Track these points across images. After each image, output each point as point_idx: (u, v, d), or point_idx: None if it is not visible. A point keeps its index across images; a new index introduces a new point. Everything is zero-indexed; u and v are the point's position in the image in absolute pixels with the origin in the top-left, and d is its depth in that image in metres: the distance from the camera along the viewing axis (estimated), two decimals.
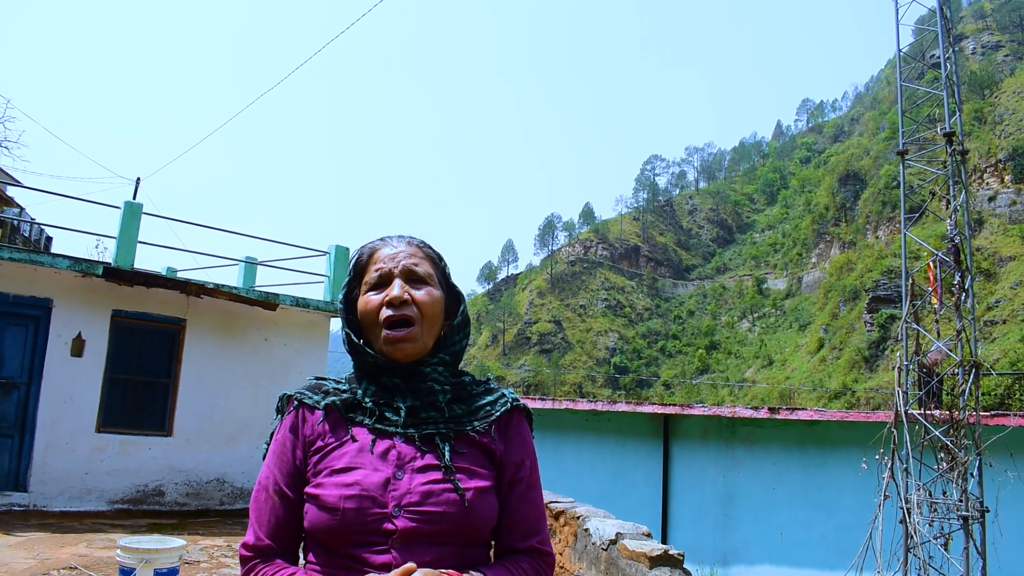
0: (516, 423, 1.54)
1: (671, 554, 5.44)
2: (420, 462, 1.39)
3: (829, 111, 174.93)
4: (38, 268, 10.03)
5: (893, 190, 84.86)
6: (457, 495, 1.36)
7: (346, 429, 1.44)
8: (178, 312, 11.22)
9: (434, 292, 1.49)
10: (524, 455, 1.52)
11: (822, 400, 66.96)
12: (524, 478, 1.50)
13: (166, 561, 4.84)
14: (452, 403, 1.48)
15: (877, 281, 77.25)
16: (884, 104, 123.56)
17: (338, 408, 1.46)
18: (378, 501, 1.34)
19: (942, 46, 9.91)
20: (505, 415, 1.53)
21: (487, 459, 1.46)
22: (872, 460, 9.68)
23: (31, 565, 6.82)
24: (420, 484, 1.36)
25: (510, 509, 1.48)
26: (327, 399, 1.48)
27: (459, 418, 1.47)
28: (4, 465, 9.84)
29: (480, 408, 1.50)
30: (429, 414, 1.45)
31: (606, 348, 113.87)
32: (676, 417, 13.65)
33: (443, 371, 1.50)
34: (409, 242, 1.55)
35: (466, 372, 1.58)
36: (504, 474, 1.48)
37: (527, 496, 1.50)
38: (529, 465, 1.52)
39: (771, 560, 12.25)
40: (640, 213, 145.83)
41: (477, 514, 1.38)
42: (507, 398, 1.55)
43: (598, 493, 12.96)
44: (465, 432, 1.46)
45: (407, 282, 1.47)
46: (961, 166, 9.70)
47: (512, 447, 1.51)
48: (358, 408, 1.46)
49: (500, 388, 1.57)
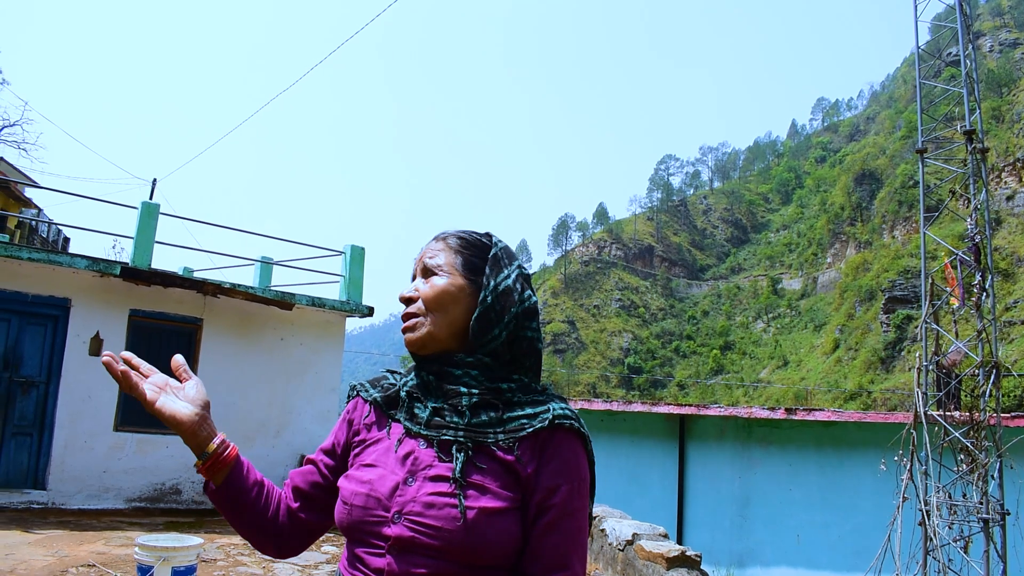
0: (559, 444, 1.35)
1: (688, 555, 5.42)
2: (434, 471, 1.32)
3: (845, 110, 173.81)
4: (57, 268, 10.11)
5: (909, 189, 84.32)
6: (458, 511, 1.27)
7: (385, 424, 1.44)
8: (195, 312, 11.27)
9: (438, 281, 1.42)
10: (562, 480, 1.33)
11: (838, 401, 66.54)
12: (557, 505, 1.32)
13: (184, 559, 4.86)
14: (479, 410, 1.36)
15: (893, 281, 76.71)
16: (900, 103, 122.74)
17: (379, 404, 1.46)
18: (383, 504, 1.31)
19: (961, 42, 9.81)
20: (543, 433, 1.35)
21: (510, 479, 1.32)
22: (890, 462, 9.60)
23: (50, 562, 6.86)
24: (426, 494, 1.30)
25: (534, 537, 1.31)
26: (375, 393, 1.48)
27: (483, 427, 1.34)
28: (23, 463, 9.92)
29: (513, 420, 1.36)
30: (452, 419, 1.36)
31: (620, 348, 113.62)
32: (692, 417, 13.59)
33: (477, 374, 1.39)
34: (441, 238, 1.50)
35: (513, 379, 1.42)
36: (532, 498, 1.32)
37: (559, 525, 1.32)
38: (567, 491, 1.33)
39: (788, 562, 12.17)
40: (654, 213, 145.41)
41: (479, 536, 1.26)
42: (550, 414, 1.36)
43: (613, 494, 12.92)
44: (487, 445, 1.33)
45: (424, 277, 1.46)
46: (981, 164, 9.61)
47: (547, 469, 1.33)
48: (397, 403, 1.45)
49: (551, 401, 1.40)
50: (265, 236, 13.96)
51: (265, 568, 7.31)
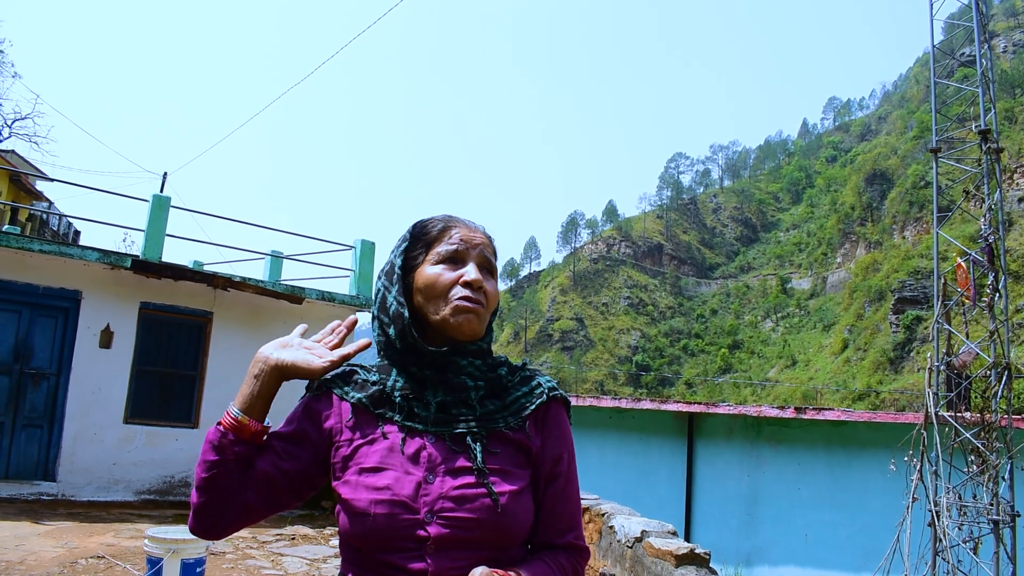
0: (554, 414, 1.47)
1: (697, 553, 5.40)
2: (452, 464, 1.34)
3: (856, 109, 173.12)
4: (67, 260, 10.14)
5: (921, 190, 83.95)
6: (491, 500, 1.31)
7: (376, 425, 1.39)
8: (205, 305, 11.30)
9: (496, 286, 1.47)
10: (562, 449, 1.45)
11: (846, 401, 66.31)
12: (562, 473, 1.44)
13: (193, 552, 4.87)
14: (485, 399, 1.42)
15: (903, 282, 76.42)
16: (912, 103, 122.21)
17: (365, 405, 1.41)
18: (409, 507, 1.30)
19: (978, 41, 9.75)
20: (542, 407, 1.45)
21: (523, 457, 1.41)
22: (900, 462, 9.56)
23: (60, 554, 6.89)
24: (452, 488, 1.31)
25: (547, 505, 1.42)
26: (355, 393, 1.43)
27: (492, 415, 1.40)
28: (34, 455, 9.96)
29: (514, 402, 1.44)
30: (460, 411, 1.39)
31: (628, 346, 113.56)
32: (701, 416, 13.56)
33: (479, 364, 1.43)
34: (484, 232, 1.51)
35: (502, 362, 1.49)
36: (541, 470, 1.42)
37: (565, 491, 1.44)
38: (567, 459, 1.46)
39: (796, 561, 12.14)
40: (664, 211, 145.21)
41: (513, 518, 1.33)
42: (543, 388, 1.47)
43: (621, 491, 12.90)
44: (499, 430, 1.40)
45: (480, 269, 1.43)
46: (996, 164, 9.55)
47: (549, 441, 1.44)
48: (387, 403, 1.41)
49: (537, 375, 1.50)
50: (275, 230, 14.01)
51: (273, 561, 7.33)
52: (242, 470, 1.38)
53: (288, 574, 6.96)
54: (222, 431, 1.37)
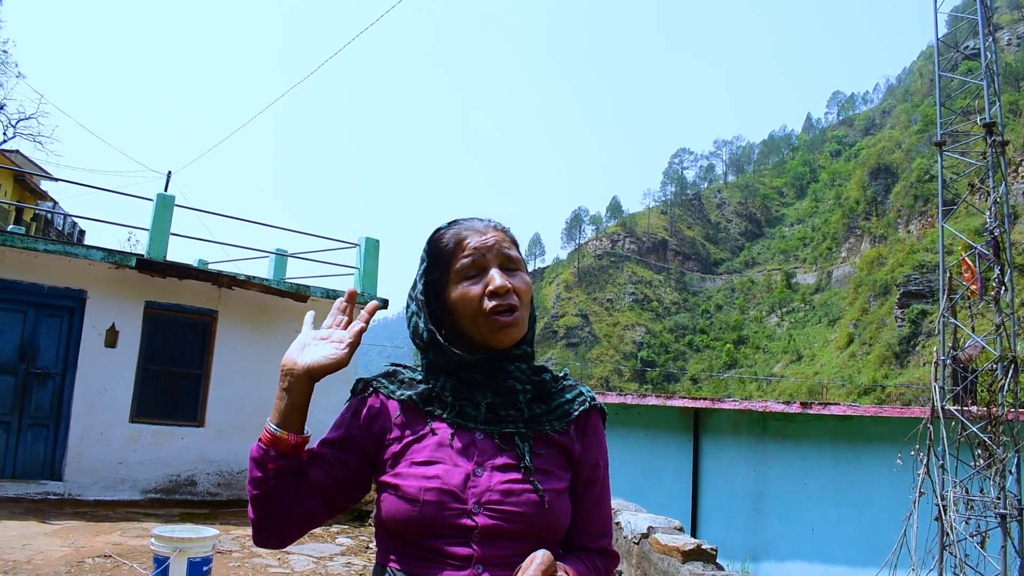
0: (594, 423, 1.54)
1: (704, 548, 5.38)
2: (499, 460, 1.40)
3: (860, 104, 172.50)
4: (72, 260, 10.15)
5: (925, 184, 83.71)
6: (537, 496, 1.37)
7: (424, 422, 1.44)
8: (210, 303, 11.31)
9: (526, 278, 1.47)
10: (600, 455, 1.52)
11: (851, 396, 66.23)
12: (599, 479, 1.51)
13: (200, 550, 4.87)
14: (531, 402, 1.48)
15: (908, 276, 76.23)
16: (916, 96, 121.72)
17: (415, 402, 1.45)
18: (458, 497, 1.34)
19: (982, 33, 9.70)
20: (583, 414, 1.52)
21: (565, 460, 1.47)
22: (907, 456, 9.55)
23: (66, 553, 6.90)
24: (500, 482, 1.37)
25: (584, 509, 1.48)
26: (403, 391, 1.47)
27: (538, 417, 1.47)
28: (40, 454, 9.98)
29: (559, 407, 1.50)
30: (508, 412, 1.45)
31: (633, 342, 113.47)
32: (706, 411, 13.53)
33: (525, 368, 1.49)
34: (496, 227, 1.49)
35: (545, 368, 1.56)
36: (580, 474, 1.49)
37: (600, 497, 1.51)
38: (604, 465, 1.53)
39: (802, 556, 12.13)
40: (668, 207, 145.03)
41: (555, 515, 1.39)
42: (585, 396, 1.54)
43: (627, 487, 12.87)
44: (544, 432, 1.46)
45: (503, 270, 1.43)
46: (1001, 157, 9.51)
47: (589, 447, 1.51)
48: (436, 401, 1.46)
49: (578, 385, 1.57)
50: (280, 228, 14.01)
51: (280, 560, 7.34)
52: (292, 481, 1.40)
53: (295, 572, 6.97)
54: (263, 448, 1.38)
